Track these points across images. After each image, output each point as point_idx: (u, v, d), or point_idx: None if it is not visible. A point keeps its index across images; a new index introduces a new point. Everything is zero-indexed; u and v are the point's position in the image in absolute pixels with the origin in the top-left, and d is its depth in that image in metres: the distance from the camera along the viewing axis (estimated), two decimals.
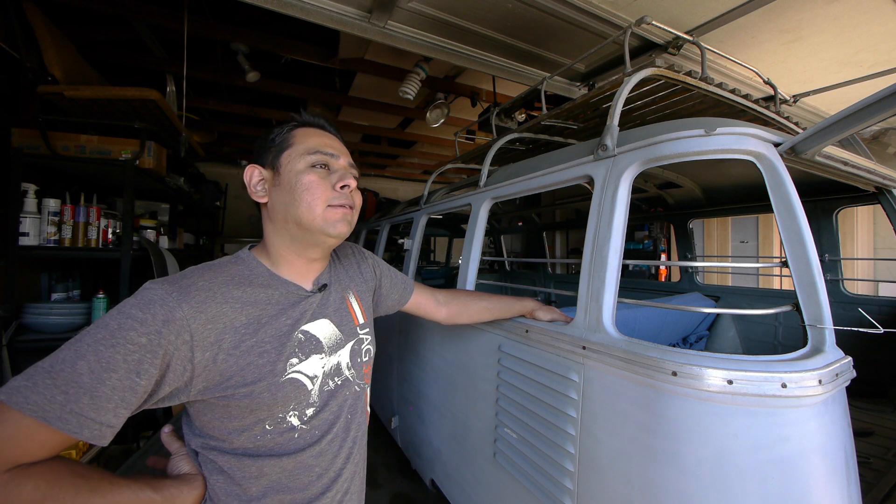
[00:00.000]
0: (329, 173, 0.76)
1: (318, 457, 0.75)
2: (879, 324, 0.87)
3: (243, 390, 0.66)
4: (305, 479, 0.74)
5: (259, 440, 0.70)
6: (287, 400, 0.70)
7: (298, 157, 0.75)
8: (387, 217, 2.73)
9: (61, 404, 0.53)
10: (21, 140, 1.78)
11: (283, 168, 0.75)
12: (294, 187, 0.73)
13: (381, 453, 2.49)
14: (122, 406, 0.56)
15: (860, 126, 0.78)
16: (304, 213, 0.73)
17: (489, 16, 1.87)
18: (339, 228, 0.75)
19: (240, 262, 0.76)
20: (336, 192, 0.75)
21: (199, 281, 0.66)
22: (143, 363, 0.57)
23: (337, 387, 0.79)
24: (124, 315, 0.59)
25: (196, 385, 0.63)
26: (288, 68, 2.93)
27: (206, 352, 0.63)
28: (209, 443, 0.70)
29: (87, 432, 0.54)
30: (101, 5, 2.02)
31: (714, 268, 3.30)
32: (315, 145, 0.76)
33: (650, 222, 5.06)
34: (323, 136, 0.80)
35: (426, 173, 6.23)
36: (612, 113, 1.10)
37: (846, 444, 0.78)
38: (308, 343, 0.75)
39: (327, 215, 0.74)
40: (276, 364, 0.69)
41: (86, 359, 0.55)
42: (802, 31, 1.94)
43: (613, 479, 0.89)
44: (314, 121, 0.81)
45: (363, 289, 0.96)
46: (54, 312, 1.86)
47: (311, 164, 0.75)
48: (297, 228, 0.75)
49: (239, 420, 0.68)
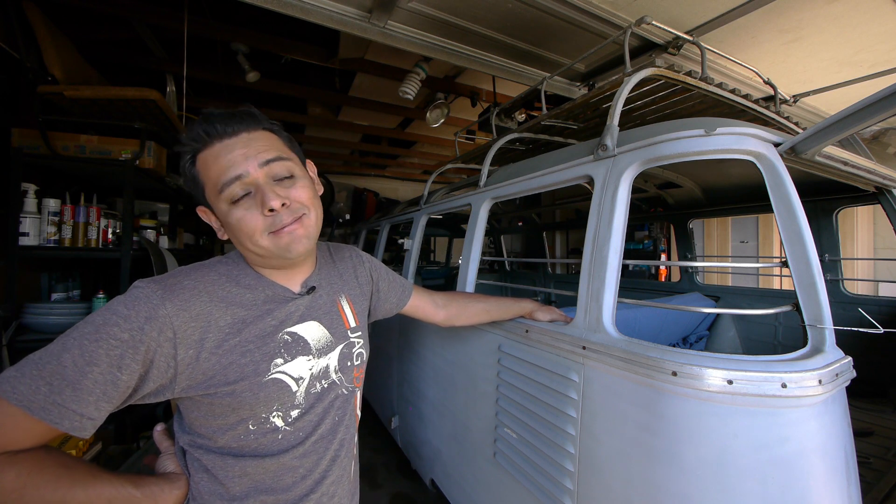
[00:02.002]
0: (251, 197, 0.68)
1: (302, 458, 0.75)
2: (879, 324, 0.87)
3: (225, 389, 0.66)
4: (289, 480, 0.74)
5: (242, 440, 0.70)
6: (270, 400, 0.70)
7: (215, 198, 0.69)
8: (387, 217, 2.73)
9: (45, 395, 0.54)
10: (21, 140, 1.78)
11: (215, 209, 0.70)
12: (232, 228, 0.69)
13: (381, 453, 2.49)
14: (104, 399, 0.58)
15: (860, 126, 0.78)
16: (252, 247, 0.70)
17: (489, 16, 1.87)
18: (294, 251, 0.70)
19: (229, 263, 0.76)
20: (268, 217, 0.68)
21: (185, 280, 0.67)
22: (125, 358, 0.58)
23: (324, 389, 0.79)
24: (110, 311, 0.60)
25: (180, 382, 0.64)
26: (288, 68, 2.93)
27: (189, 349, 0.63)
28: (196, 440, 0.71)
29: (68, 423, 0.55)
30: (101, 5, 2.02)
31: (714, 268, 3.30)
32: (218, 177, 0.67)
33: (650, 222, 5.06)
34: (221, 153, 0.67)
35: (426, 173, 6.23)
36: (612, 113, 1.10)
37: (846, 444, 0.78)
38: (295, 344, 0.74)
39: (275, 242, 0.69)
40: (260, 364, 0.69)
41: (70, 352, 0.56)
42: (802, 31, 1.94)
43: (613, 479, 0.89)
44: (207, 131, 0.67)
45: (357, 293, 0.95)
46: (54, 312, 1.86)
47: (230, 200, 0.67)
48: (259, 258, 0.73)
49: (222, 418, 0.69)
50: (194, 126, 0.68)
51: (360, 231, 3.45)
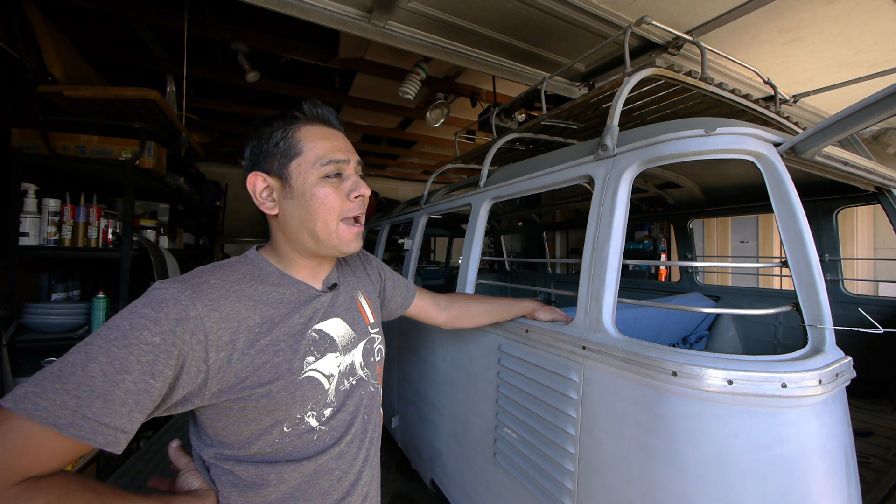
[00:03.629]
0: (341, 181, 0.74)
1: (338, 459, 0.74)
2: (879, 324, 0.87)
3: (260, 390, 0.64)
4: (326, 484, 0.72)
5: (277, 444, 0.68)
6: (305, 399, 0.69)
7: (309, 167, 0.71)
8: (387, 217, 2.73)
9: (73, 409, 0.50)
10: (21, 140, 1.78)
11: (293, 179, 0.71)
12: (309, 201, 0.71)
13: (381, 453, 2.49)
14: (137, 410, 0.54)
15: (860, 126, 0.78)
16: (321, 228, 0.72)
17: (489, 16, 1.87)
18: (352, 247, 0.76)
19: (249, 262, 0.74)
20: (351, 202, 0.74)
21: (210, 279, 0.65)
22: (158, 364, 0.55)
23: (352, 386, 0.78)
24: (136, 315, 0.57)
25: (210, 388, 0.61)
26: (288, 68, 2.93)
27: (220, 352, 0.61)
28: (223, 452, 0.67)
29: (101, 438, 0.52)
30: (101, 5, 2.02)
31: (714, 268, 3.30)
32: (325, 152, 0.72)
33: (650, 222, 5.06)
34: (330, 136, 0.75)
35: (426, 173, 6.23)
36: (612, 113, 1.09)
37: (846, 444, 0.78)
38: (322, 341, 0.74)
39: (341, 233, 0.74)
40: (293, 362, 0.68)
41: (97, 361, 0.52)
42: (802, 31, 1.94)
43: (613, 479, 0.89)
44: (319, 114, 0.76)
45: (370, 289, 0.96)
46: (54, 312, 1.86)
47: (325, 175, 0.72)
48: (312, 241, 0.74)
49: (256, 423, 0.66)
50: (305, 105, 0.75)
51: None
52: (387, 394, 2.29)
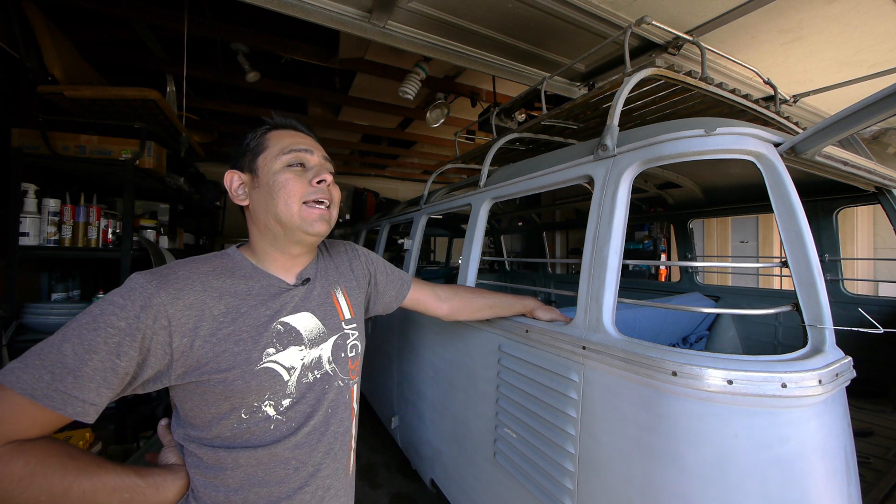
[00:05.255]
0: (305, 171, 0.79)
1: (294, 449, 0.76)
2: (879, 324, 0.87)
3: (218, 376, 0.68)
4: (282, 473, 0.74)
5: (236, 429, 0.71)
6: (262, 389, 0.72)
7: (274, 158, 0.78)
8: (387, 217, 2.73)
9: (48, 383, 0.57)
10: (21, 140, 1.78)
11: (260, 171, 0.78)
12: (272, 187, 0.76)
13: (381, 453, 2.49)
14: (104, 386, 0.60)
15: (860, 126, 0.78)
16: (283, 210, 0.76)
17: (489, 16, 1.87)
18: (316, 227, 0.78)
19: (224, 257, 0.80)
20: (312, 187, 0.78)
21: (179, 270, 0.70)
22: (123, 346, 0.61)
23: (316, 380, 0.80)
24: (107, 302, 0.63)
25: (175, 370, 0.67)
26: (288, 68, 2.93)
27: (184, 337, 0.66)
28: (190, 433, 0.73)
29: (71, 409, 0.58)
30: (101, 5, 2.02)
31: (714, 268, 3.30)
32: (288, 144, 0.79)
33: (650, 222, 5.06)
34: (295, 135, 0.82)
35: (426, 173, 6.23)
36: (612, 113, 1.09)
37: (846, 444, 0.78)
38: (287, 334, 0.76)
39: (304, 214, 0.77)
40: (252, 353, 0.71)
41: (70, 341, 0.59)
42: (802, 31, 1.94)
43: (613, 479, 0.89)
44: (286, 122, 0.85)
45: (353, 286, 0.96)
46: (54, 312, 1.86)
47: (287, 164, 0.78)
48: (278, 226, 0.78)
49: (216, 407, 0.70)
50: (275, 116, 0.85)
51: (360, 231, 3.45)
52: (387, 394, 2.29)
